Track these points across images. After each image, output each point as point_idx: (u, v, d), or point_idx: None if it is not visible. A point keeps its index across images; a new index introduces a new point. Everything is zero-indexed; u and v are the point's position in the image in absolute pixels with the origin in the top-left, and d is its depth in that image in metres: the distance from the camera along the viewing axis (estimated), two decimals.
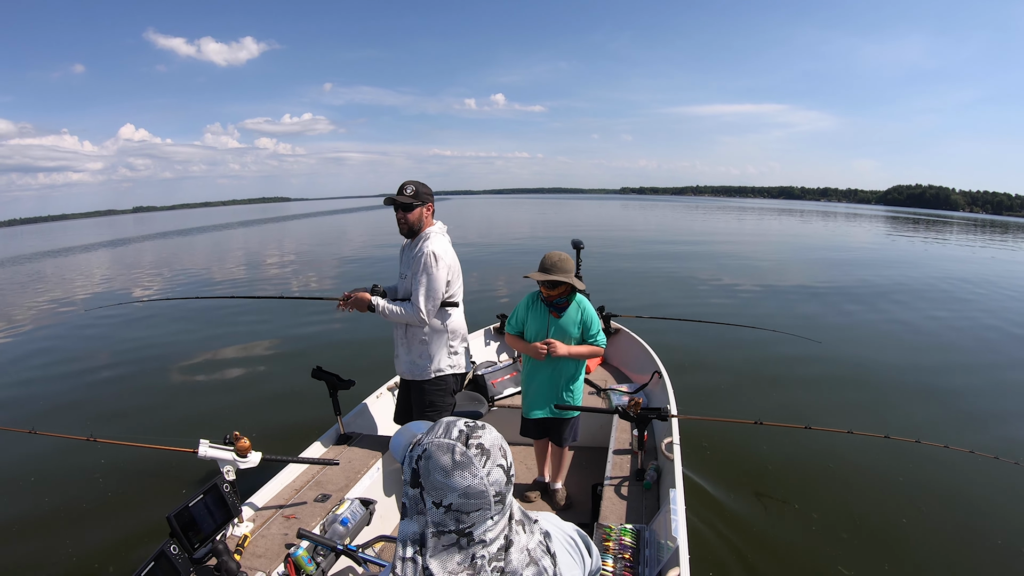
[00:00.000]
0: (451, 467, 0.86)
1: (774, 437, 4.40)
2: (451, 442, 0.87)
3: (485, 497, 0.86)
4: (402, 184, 2.69)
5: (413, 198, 2.64)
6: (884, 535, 3.35)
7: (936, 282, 12.86)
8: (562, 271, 2.67)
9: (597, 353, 2.90)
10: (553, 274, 2.67)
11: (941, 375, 6.39)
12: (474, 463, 0.85)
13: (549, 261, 2.70)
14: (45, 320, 10.07)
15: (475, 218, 43.69)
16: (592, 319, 2.83)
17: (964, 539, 3.37)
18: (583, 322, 2.82)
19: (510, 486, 0.89)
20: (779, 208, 76.99)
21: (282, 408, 5.31)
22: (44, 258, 26.56)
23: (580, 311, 2.82)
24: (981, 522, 3.52)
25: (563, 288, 2.73)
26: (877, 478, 3.97)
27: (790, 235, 29.08)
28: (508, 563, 0.89)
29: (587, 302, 2.87)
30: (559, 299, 2.77)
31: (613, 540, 2.04)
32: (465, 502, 0.86)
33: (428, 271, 2.59)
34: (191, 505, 1.81)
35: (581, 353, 2.85)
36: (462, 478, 0.85)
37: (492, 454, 0.87)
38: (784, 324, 7.38)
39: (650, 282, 12.32)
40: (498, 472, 0.87)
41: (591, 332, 2.84)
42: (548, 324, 2.84)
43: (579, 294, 2.84)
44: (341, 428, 2.93)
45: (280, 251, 22.60)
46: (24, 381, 6.57)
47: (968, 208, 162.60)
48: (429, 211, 2.73)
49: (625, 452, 2.76)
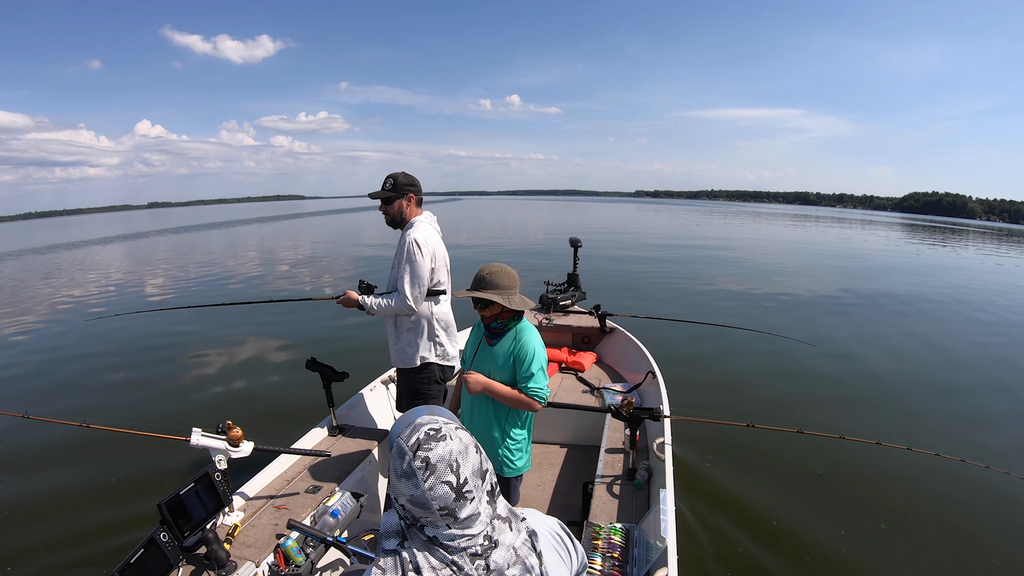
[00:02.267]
0: (400, 473, 0.88)
1: (766, 440, 4.42)
2: (405, 448, 0.88)
3: (429, 509, 0.87)
4: (385, 178, 2.74)
5: (391, 191, 2.69)
6: (873, 540, 3.37)
7: (937, 290, 12.90)
8: (492, 287, 2.10)
9: (527, 404, 2.17)
10: (481, 290, 2.12)
11: (934, 382, 6.41)
12: (416, 476, 0.86)
13: (479, 275, 2.15)
14: (45, 314, 10.05)
15: (486, 219, 43.61)
16: (528, 355, 2.15)
17: (954, 548, 3.39)
18: (515, 355, 2.17)
19: (462, 502, 0.88)
20: (794, 214, 76.49)
21: (275, 399, 5.31)
22: (60, 251, 26.48)
23: (514, 342, 2.18)
24: (971, 531, 3.54)
25: (496, 309, 2.14)
26: (868, 483, 3.99)
27: (797, 241, 29.01)
28: (493, 561, 0.90)
29: (530, 333, 2.20)
30: (494, 323, 2.20)
31: (602, 539, 2.05)
32: (413, 508, 0.88)
33: (411, 258, 2.60)
34: (182, 493, 1.82)
35: (503, 395, 2.16)
36: (406, 486, 0.88)
37: (437, 470, 0.86)
38: (779, 327, 7.39)
39: (651, 282, 12.35)
40: (442, 488, 0.86)
41: (521, 373, 2.15)
42: (477, 350, 2.29)
43: (526, 323, 2.25)
44: (334, 420, 2.94)
45: (294, 248, 22.55)
46: (19, 368, 6.56)
47: (985, 216, 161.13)
48: (411, 201, 2.74)
49: (617, 451, 2.77)
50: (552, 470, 3.49)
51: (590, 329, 4.55)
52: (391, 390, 3.55)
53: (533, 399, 2.15)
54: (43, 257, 22.43)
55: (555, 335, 4.57)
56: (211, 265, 15.00)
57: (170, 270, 14.47)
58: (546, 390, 2.18)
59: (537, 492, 3.29)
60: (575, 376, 4.06)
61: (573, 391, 3.81)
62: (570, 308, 4.92)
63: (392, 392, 3.52)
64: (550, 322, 4.60)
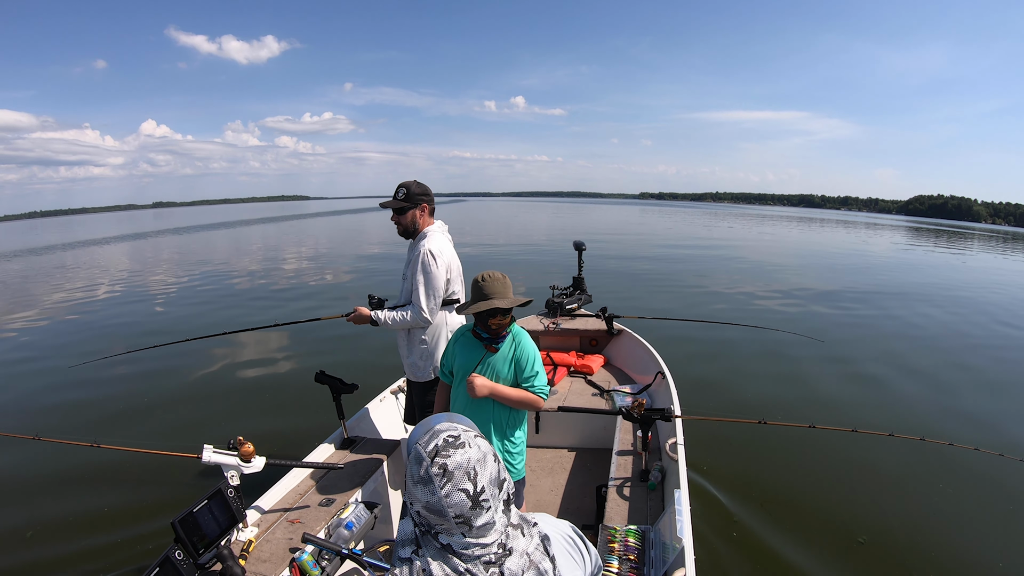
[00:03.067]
0: (417, 479, 0.89)
1: (778, 436, 4.39)
2: (423, 454, 0.89)
3: (445, 516, 0.87)
4: (397, 187, 2.72)
5: (404, 200, 2.68)
6: (892, 534, 3.33)
7: (943, 289, 12.82)
8: (499, 295, 2.10)
9: (533, 402, 2.24)
10: (496, 301, 2.10)
11: (943, 373, 6.37)
12: (433, 482, 0.86)
13: (481, 287, 2.12)
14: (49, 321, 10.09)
15: (489, 222, 43.59)
16: (529, 358, 2.21)
17: (968, 537, 3.36)
18: (515, 360, 2.22)
19: (478, 510, 0.88)
20: (799, 216, 75.63)
21: (285, 413, 5.31)
22: (57, 251, 26.59)
23: (513, 347, 2.23)
24: (990, 521, 3.50)
25: (509, 317, 2.20)
26: (883, 476, 3.96)
27: (801, 243, 28.86)
28: (507, 569, 0.90)
29: (526, 336, 2.27)
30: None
31: (618, 541, 2.04)
32: (428, 515, 0.89)
33: (426, 269, 2.59)
34: (195, 510, 1.82)
35: (510, 397, 2.20)
36: (422, 492, 0.88)
37: (455, 477, 0.86)
38: (787, 324, 7.37)
39: (655, 283, 12.32)
40: (459, 496, 0.86)
41: (525, 374, 2.22)
42: (482, 358, 2.25)
43: (517, 326, 2.29)
44: (344, 432, 2.93)
45: (297, 252, 22.45)
46: (27, 385, 6.58)
47: (991, 220, 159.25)
48: (424, 211, 2.73)
49: (629, 453, 2.76)
50: (564, 474, 3.48)
51: (597, 332, 4.53)
52: (400, 400, 3.55)
53: (539, 396, 2.24)
54: (43, 258, 22.34)
55: (562, 339, 4.56)
56: (215, 275, 15.02)
57: (170, 279, 14.49)
58: (548, 387, 2.29)
59: (550, 497, 3.28)
60: (584, 379, 4.04)
61: (583, 394, 3.79)
62: (576, 312, 4.91)
63: (401, 402, 3.52)
64: (557, 326, 4.59)
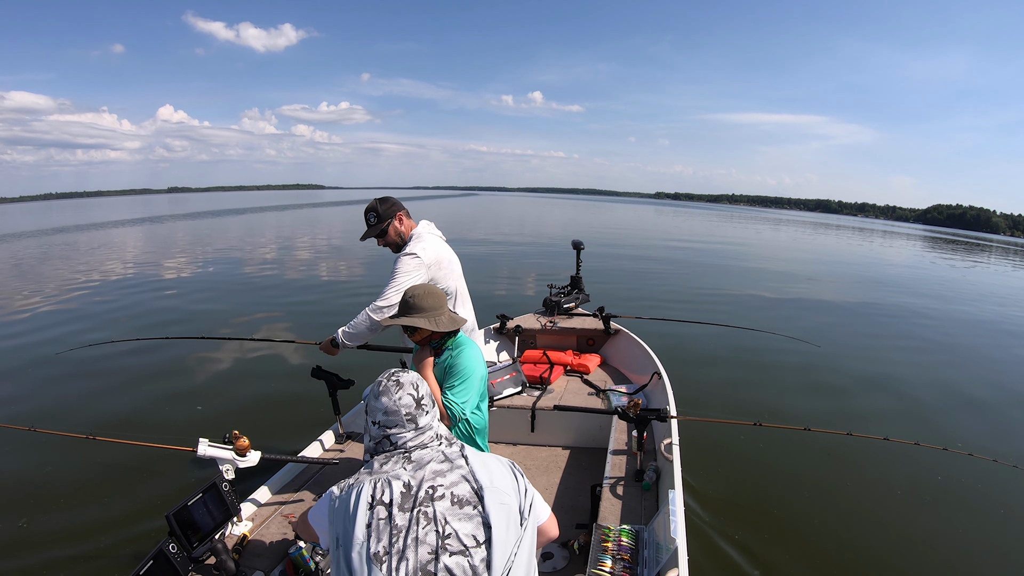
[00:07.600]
0: (377, 393, 1.32)
1: (774, 439, 4.40)
2: (381, 378, 1.35)
3: (398, 415, 1.28)
4: (365, 214, 2.71)
5: (379, 222, 2.67)
6: (886, 537, 3.35)
7: (945, 301, 12.85)
8: (418, 310, 2.07)
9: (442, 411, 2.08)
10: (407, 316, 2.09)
11: (939, 379, 6.39)
12: (390, 391, 1.30)
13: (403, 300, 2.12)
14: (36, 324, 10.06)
15: (503, 215, 43.25)
16: (456, 369, 2.14)
17: (966, 542, 3.37)
18: (448, 367, 2.17)
19: (421, 410, 1.30)
20: (815, 222, 74.59)
21: (281, 407, 5.30)
22: (74, 233, 26.46)
23: (450, 357, 2.19)
24: (981, 525, 3.52)
25: (424, 333, 2.13)
26: (877, 480, 3.96)
27: (810, 247, 28.78)
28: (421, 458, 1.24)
29: (467, 351, 2.19)
30: (432, 343, 2.19)
31: (612, 541, 2.04)
32: (386, 419, 1.29)
33: (396, 269, 2.57)
34: (190, 504, 1.82)
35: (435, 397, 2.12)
36: (383, 401, 1.29)
37: (404, 386, 1.31)
38: (784, 328, 7.38)
39: (655, 283, 12.32)
40: (407, 398, 1.30)
41: (445, 384, 2.13)
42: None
43: (465, 339, 2.24)
44: (340, 427, 2.94)
45: (310, 239, 22.36)
46: (24, 377, 6.56)
47: (1009, 232, 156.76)
48: (401, 219, 2.72)
49: (624, 453, 2.76)
50: (559, 473, 3.48)
51: (594, 331, 4.54)
52: None
53: (447, 405, 2.07)
54: (57, 237, 22.18)
55: (559, 338, 4.56)
56: (226, 263, 14.98)
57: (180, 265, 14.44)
58: (460, 407, 2.10)
59: (544, 495, 3.25)
60: (580, 378, 4.04)
61: (578, 394, 3.80)
62: (574, 311, 4.92)
63: None
64: (554, 325, 4.60)
